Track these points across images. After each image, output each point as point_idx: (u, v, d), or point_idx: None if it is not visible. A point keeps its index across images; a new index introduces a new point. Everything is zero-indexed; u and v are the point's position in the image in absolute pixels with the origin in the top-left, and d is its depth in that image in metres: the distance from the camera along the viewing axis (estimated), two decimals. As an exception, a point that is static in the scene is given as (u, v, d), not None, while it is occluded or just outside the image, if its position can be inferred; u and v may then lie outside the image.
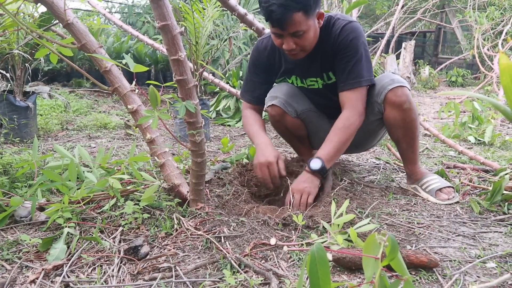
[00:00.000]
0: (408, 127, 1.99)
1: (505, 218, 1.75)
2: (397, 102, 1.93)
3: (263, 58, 2.11)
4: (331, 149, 1.90)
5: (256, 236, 1.49)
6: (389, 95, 1.93)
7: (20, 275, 1.29)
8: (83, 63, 6.68)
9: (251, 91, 2.19)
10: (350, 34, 1.88)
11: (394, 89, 1.92)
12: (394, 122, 2.00)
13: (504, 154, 2.96)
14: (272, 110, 2.19)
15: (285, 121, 2.21)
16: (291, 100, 2.17)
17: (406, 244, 1.51)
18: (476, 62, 7.77)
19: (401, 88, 1.92)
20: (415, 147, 2.09)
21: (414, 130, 2.02)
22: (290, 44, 1.81)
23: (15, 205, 1.61)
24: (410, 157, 2.13)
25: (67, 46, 1.61)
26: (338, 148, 1.91)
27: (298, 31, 1.77)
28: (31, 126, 3.29)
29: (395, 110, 1.95)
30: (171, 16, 1.33)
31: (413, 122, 1.99)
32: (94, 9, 4.30)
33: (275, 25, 1.76)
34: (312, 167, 1.87)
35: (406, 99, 1.92)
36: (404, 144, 2.08)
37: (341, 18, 1.92)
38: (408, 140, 2.05)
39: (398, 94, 1.92)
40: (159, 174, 2.12)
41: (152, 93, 1.31)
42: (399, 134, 2.04)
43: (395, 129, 2.03)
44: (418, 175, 2.12)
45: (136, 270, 1.30)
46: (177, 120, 3.53)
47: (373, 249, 0.83)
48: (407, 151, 2.11)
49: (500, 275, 1.28)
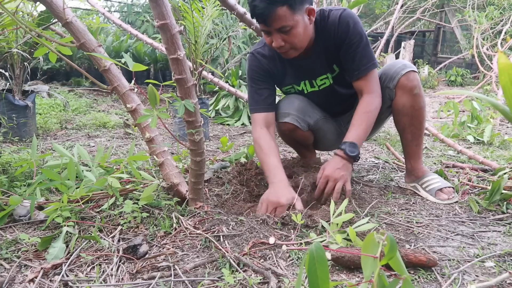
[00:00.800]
0: (415, 115, 1.98)
1: (503, 217, 1.76)
2: (409, 86, 1.92)
3: (264, 65, 2.02)
4: (361, 133, 1.87)
5: (255, 235, 1.50)
6: (402, 79, 1.93)
7: (19, 274, 1.29)
8: (82, 62, 6.68)
9: (262, 100, 2.03)
10: (350, 21, 1.85)
11: (407, 73, 1.92)
12: (402, 108, 1.98)
13: (503, 154, 2.97)
14: (284, 126, 2.11)
15: (295, 135, 2.15)
16: (303, 114, 2.10)
17: (405, 243, 1.51)
18: (475, 61, 7.78)
19: (413, 72, 1.93)
20: (420, 140, 2.06)
21: (421, 120, 2.00)
22: (279, 41, 1.77)
23: (14, 204, 1.61)
24: (413, 150, 2.08)
25: (66, 45, 1.61)
26: (366, 132, 1.90)
27: (284, 26, 1.72)
28: (30, 125, 3.29)
29: (406, 95, 1.94)
30: (170, 15, 1.33)
31: (421, 110, 1.98)
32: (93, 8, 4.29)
33: (260, 20, 1.72)
34: (350, 152, 1.82)
35: (417, 84, 1.93)
36: (409, 134, 2.04)
37: (334, 9, 1.89)
38: (414, 130, 2.02)
39: (411, 79, 1.92)
40: (158, 173, 2.12)
41: (151, 92, 1.31)
42: (406, 122, 2.01)
43: (403, 115, 2.00)
44: (419, 173, 2.09)
45: (135, 269, 1.30)
46: (176, 119, 3.53)
47: (371, 248, 0.83)
48: (412, 144, 2.06)
49: (498, 274, 1.28)
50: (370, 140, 3.55)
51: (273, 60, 2.02)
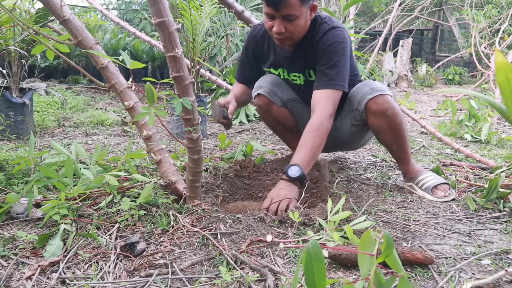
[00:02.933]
0: (394, 131, 2.01)
1: (500, 215, 1.76)
2: (379, 110, 1.95)
3: (254, 44, 2.17)
4: (306, 154, 1.82)
5: (252, 233, 1.50)
6: (369, 104, 1.96)
7: (16, 272, 1.29)
8: (80, 59, 6.66)
9: (243, 72, 2.28)
10: (331, 38, 1.92)
11: (374, 98, 1.94)
12: (379, 128, 2.03)
13: (500, 152, 2.97)
14: (259, 100, 2.23)
15: (272, 110, 2.26)
16: (276, 89, 2.22)
17: (402, 241, 1.51)
18: (473, 60, 7.78)
19: (381, 96, 1.94)
20: (406, 147, 2.10)
21: (402, 132, 2.03)
22: (280, 27, 1.82)
23: (11, 201, 1.61)
24: (402, 157, 2.14)
25: (64, 43, 1.61)
26: (313, 152, 1.84)
27: (291, 14, 1.79)
28: (28, 123, 3.28)
29: (378, 118, 1.98)
30: (167, 13, 1.33)
31: (399, 126, 2.00)
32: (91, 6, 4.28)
33: (270, 4, 1.77)
34: (290, 175, 1.77)
35: (388, 106, 1.94)
36: (394, 146, 2.09)
37: (328, 22, 1.95)
38: (397, 142, 2.07)
39: (379, 103, 1.94)
40: (155, 171, 2.12)
41: (149, 90, 1.31)
42: (387, 139, 2.06)
43: (382, 134, 2.05)
44: (412, 173, 2.13)
45: (133, 266, 1.30)
46: (174, 117, 3.52)
47: (368, 246, 0.84)
48: (399, 152, 2.12)
49: (495, 272, 1.29)
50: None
51: (262, 41, 2.14)
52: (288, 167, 1.79)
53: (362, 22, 14.82)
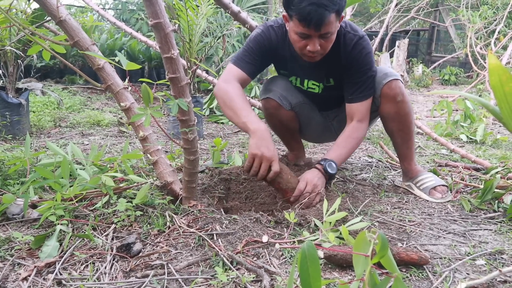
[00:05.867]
0: (402, 120, 2.02)
1: (495, 216, 1.77)
2: (391, 94, 1.97)
3: (271, 44, 1.97)
4: (343, 154, 1.94)
5: (248, 233, 1.50)
6: (384, 88, 1.97)
7: (12, 273, 1.29)
8: (76, 60, 6.65)
9: (247, 62, 1.97)
10: (364, 49, 1.91)
11: (389, 82, 1.96)
12: (388, 115, 2.03)
13: (495, 153, 2.99)
14: (267, 103, 2.18)
15: (279, 114, 2.20)
16: (286, 93, 2.17)
17: (397, 241, 1.52)
18: (469, 60, 7.81)
19: (394, 81, 1.96)
20: (410, 143, 2.10)
21: (409, 124, 2.05)
22: (316, 46, 1.74)
23: (7, 202, 1.61)
24: (405, 153, 2.13)
25: (60, 43, 1.61)
26: (347, 155, 1.98)
27: (329, 32, 1.72)
28: (24, 123, 3.28)
29: (389, 103, 1.99)
30: (163, 14, 1.33)
31: (408, 115, 2.02)
32: (87, 6, 4.27)
33: (311, 25, 1.67)
34: (329, 170, 1.84)
35: (399, 91, 1.97)
36: (398, 138, 2.09)
37: (351, 31, 1.91)
38: (403, 135, 2.07)
39: (392, 87, 1.96)
40: (152, 172, 2.12)
41: (145, 91, 1.32)
42: (394, 127, 2.06)
43: (390, 121, 2.05)
44: (413, 173, 2.13)
45: (129, 267, 1.30)
46: (170, 118, 3.52)
47: (363, 247, 0.84)
48: (402, 147, 2.12)
49: (489, 272, 1.29)
50: (364, 139, 3.57)
51: (282, 43, 1.98)
52: (329, 161, 1.87)
53: (358, 23, 14.86)
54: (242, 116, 1.78)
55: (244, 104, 1.82)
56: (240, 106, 1.81)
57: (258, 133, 1.72)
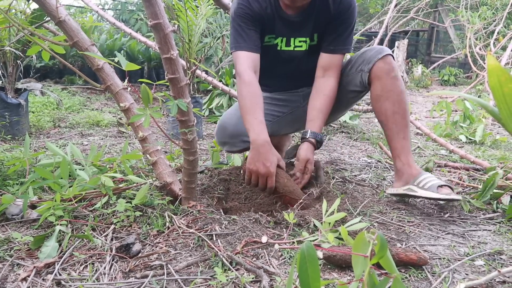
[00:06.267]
0: (397, 100, 1.87)
1: (494, 216, 1.77)
2: (386, 68, 1.87)
3: (255, 8, 1.91)
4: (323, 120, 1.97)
5: (248, 234, 1.50)
6: (378, 62, 1.88)
7: (11, 273, 1.29)
8: (76, 60, 6.64)
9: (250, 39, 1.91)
10: (352, 4, 1.93)
11: (384, 57, 1.89)
12: (381, 92, 1.89)
13: (494, 153, 2.99)
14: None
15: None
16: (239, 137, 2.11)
17: (396, 242, 1.52)
18: (468, 61, 7.81)
19: (389, 56, 1.91)
20: (406, 131, 1.88)
21: (404, 106, 1.88)
22: None
23: (6, 202, 1.61)
24: (401, 144, 1.88)
25: (59, 44, 1.61)
26: (326, 118, 2.01)
27: None
28: (23, 124, 3.28)
29: (383, 79, 1.88)
30: (163, 15, 1.33)
31: (402, 94, 1.88)
32: (86, 6, 4.27)
33: None
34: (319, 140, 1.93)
35: (395, 67, 1.90)
36: (393, 124, 1.88)
37: None
38: (398, 119, 1.87)
39: (388, 61, 1.89)
40: (151, 172, 2.12)
41: (144, 91, 1.32)
42: (388, 108, 1.88)
43: (384, 101, 1.89)
44: (413, 170, 1.86)
45: (128, 267, 1.30)
46: (169, 118, 3.52)
47: (362, 247, 0.84)
48: (398, 136, 1.88)
49: (488, 273, 1.30)
50: (363, 139, 3.57)
51: (264, 4, 1.92)
52: (318, 135, 1.94)
53: (358, 23, 14.85)
54: (246, 122, 1.83)
55: (251, 106, 1.83)
56: (246, 108, 1.83)
57: (255, 146, 1.77)
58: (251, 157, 1.77)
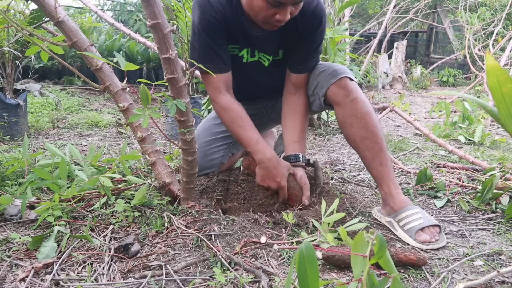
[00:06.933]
0: (363, 123, 1.67)
1: (493, 216, 1.77)
2: (341, 93, 1.71)
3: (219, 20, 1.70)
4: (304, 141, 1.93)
5: (247, 234, 1.50)
6: (332, 87, 1.73)
7: (9, 274, 1.29)
8: (75, 60, 6.64)
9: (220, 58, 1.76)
10: (323, 18, 1.77)
11: (338, 80, 1.72)
12: (344, 119, 1.72)
13: (493, 154, 2.99)
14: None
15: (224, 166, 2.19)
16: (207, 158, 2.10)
17: (395, 242, 1.52)
18: (467, 62, 7.83)
19: (345, 79, 1.72)
20: (383, 157, 1.67)
21: (372, 129, 1.67)
22: (287, 15, 1.57)
23: (5, 203, 1.60)
24: (380, 172, 1.68)
25: (58, 44, 1.60)
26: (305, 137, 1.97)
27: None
28: (22, 124, 3.27)
29: (341, 105, 1.72)
30: (162, 15, 1.33)
31: (367, 116, 1.67)
32: (85, 7, 4.27)
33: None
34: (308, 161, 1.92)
35: (353, 88, 1.70)
36: (366, 151, 1.69)
37: None
38: (370, 144, 1.67)
39: (342, 85, 1.71)
40: (150, 173, 2.12)
41: (143, 92, 1.32)
42: (356, 136, 1.70)
43: (348, 128, 1.71)
44: (395, 203, 1.63)
45: (127, 268, 1.30)
46: (168, 119, 3.52)
47: (361, 248, 0.84)
48: (374, 163, 1.68)
49: (487, 273, 1.30)
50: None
51: (231, 14, 1.72)
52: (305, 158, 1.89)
53: (357, 24, 14.88)
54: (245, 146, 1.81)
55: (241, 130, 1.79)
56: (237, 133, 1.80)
57: (263, 166, 1.76)
58: (261, 174, 1.77)
